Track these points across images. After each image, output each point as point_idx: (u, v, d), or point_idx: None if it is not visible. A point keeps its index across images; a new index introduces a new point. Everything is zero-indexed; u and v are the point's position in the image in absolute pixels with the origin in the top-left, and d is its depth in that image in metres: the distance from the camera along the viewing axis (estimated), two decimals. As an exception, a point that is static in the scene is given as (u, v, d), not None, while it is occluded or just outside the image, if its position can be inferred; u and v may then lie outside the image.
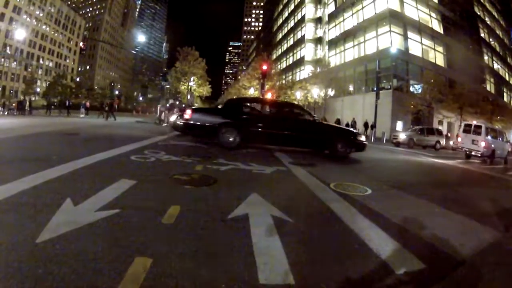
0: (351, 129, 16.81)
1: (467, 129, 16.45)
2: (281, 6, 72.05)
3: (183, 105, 25.77)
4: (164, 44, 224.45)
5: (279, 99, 9.68)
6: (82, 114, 31.35)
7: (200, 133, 9.50)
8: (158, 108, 28.97)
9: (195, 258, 2.29)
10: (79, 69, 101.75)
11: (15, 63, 72.39)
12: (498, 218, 4.40)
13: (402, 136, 23.29)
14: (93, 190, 3.65)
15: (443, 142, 24.25)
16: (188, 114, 9.23)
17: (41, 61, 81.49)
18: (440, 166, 11.54)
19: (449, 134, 29.59)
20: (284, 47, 66.80)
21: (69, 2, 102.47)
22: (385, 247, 2.81)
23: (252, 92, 49.54)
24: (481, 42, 44.92)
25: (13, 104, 30.93)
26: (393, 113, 32.67)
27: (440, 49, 38.70)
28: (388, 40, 35.18)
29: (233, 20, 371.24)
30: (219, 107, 11.66)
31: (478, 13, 45.78)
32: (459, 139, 16.81)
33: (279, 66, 64.09)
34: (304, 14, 56.09)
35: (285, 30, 67.34)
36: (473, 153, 15.53)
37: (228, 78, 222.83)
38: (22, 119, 19.69)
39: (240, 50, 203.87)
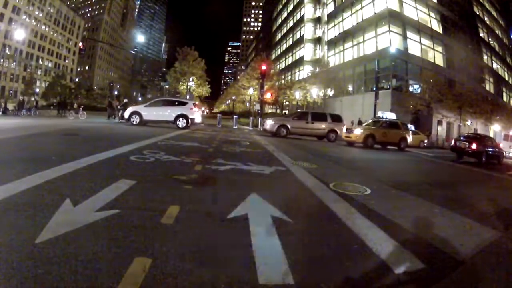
0: None
1: (506, 138, 26.12)
2: (280, 6, 72.02)
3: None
4: (163, 44, 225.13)
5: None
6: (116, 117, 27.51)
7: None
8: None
9: (194, 258, 2.29)
10: (78, 69, 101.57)
11: (14, 63, 72.29)
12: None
13: (269, 122, 18.41)
14: (92, 190, 3.64)
15: (341, 132, 17.62)
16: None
17: (40, 62, 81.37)
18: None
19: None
20: (283, 47, 66.79)
21: (68, 3, 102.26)
22: (385, 247, 2.81)
23: (251, 92, 49.52)
24: (480, 42, 44.96)
25: None
26: (392, 113, 32.64)
27: (439, 49, 38.73)
28: (387, 40, 35.19)
29: (232, 20, 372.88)
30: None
31: (477, 13, 45.82)
32: (501, 145, 21.95)
33: (278, 66, 64.12)
34: (303, 14, 56.07)
35: (284, 30, 67.33)
36: (510, 155, 22.96)
37: (227, 78, 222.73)
38: None
39: (239, 50, 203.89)
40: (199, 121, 18.97)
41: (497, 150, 16.05)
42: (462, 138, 16.52)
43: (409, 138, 17.94)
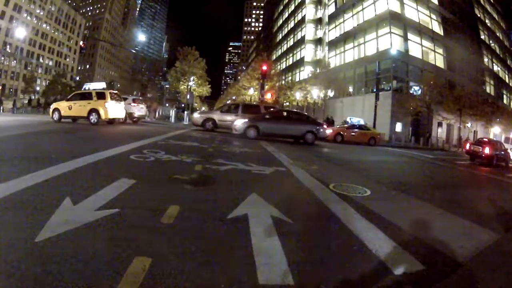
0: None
1: (507, 140, 26.47)
2: (281, 7, 72.05)
3: None
4: (164, 43, 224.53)
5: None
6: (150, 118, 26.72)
7: None
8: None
9: (194, 258, 2.29)
10: (79, 68, 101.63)
11: (15, 61, 72.33)
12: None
13: (196, 116, 18.01)
14: (92, 189, 3.64)
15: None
16: None
17: (41, 60, 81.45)
18: None
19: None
20: (284, 47, 66.77)
21: (69, 1, 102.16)
22: (384, 248, 2.82)
23: (252, 92, 49.49)
24: (481, 44, 44.94)
25: None
26: (392, 114, 32.62)
27: (440, 50, 38.68)
28: (388, 41, 35.14)
29: (233, 20, 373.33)
30: None
31: (478, 15, 45.81)
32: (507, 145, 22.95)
33: (279, 67, 64.07)
34: (304, 15, 56.04)
35: (285, 30, 67.32)
36: None
37: (228, 78, 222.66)
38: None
39: (240, 51, 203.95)
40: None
41: (504, 153, 17.49)
42: (475, 143, 18.46)
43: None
